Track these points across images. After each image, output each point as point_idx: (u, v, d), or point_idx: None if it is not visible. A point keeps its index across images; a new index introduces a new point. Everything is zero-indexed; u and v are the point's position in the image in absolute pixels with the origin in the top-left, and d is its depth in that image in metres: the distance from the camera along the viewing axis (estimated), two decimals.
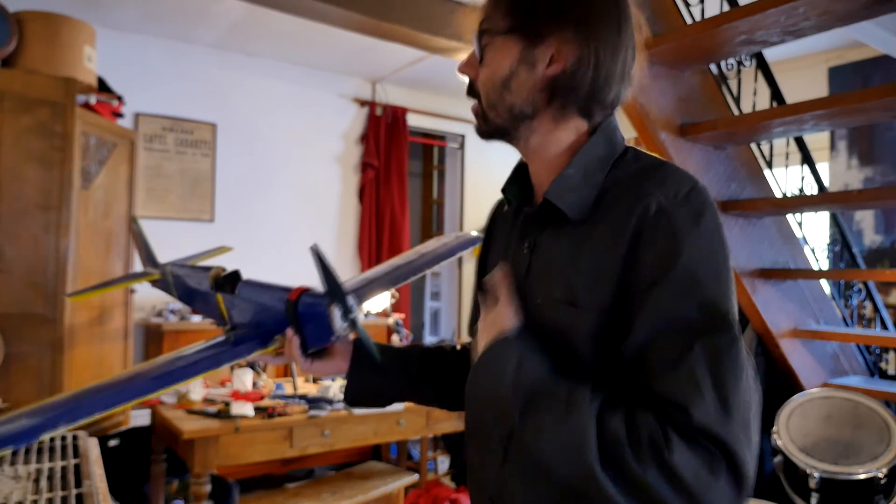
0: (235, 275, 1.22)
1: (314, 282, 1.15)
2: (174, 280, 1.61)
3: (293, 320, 0.99)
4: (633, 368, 0.70)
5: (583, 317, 0.75)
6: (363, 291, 1.28)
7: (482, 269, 0.99)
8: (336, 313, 0.93)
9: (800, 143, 2.75)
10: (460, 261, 5.40)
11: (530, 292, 0.82)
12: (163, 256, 3.30)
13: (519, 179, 0.90)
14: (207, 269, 1.31)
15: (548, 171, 0.84)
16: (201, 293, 1.34)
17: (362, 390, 1.03)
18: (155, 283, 1.86)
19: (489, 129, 0.84)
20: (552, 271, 0.80)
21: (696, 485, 0.62)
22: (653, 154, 0.82)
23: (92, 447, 1.49)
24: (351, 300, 0.94)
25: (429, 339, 5.95)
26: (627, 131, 1.35)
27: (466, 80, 0.85)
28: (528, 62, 0.79)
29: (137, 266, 3.24)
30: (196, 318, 3.90)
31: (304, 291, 1.00)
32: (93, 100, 2.79)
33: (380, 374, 1.02)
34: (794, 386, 2.69)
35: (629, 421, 0.66)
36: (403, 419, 2.82)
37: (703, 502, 0.63)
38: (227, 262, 1.51)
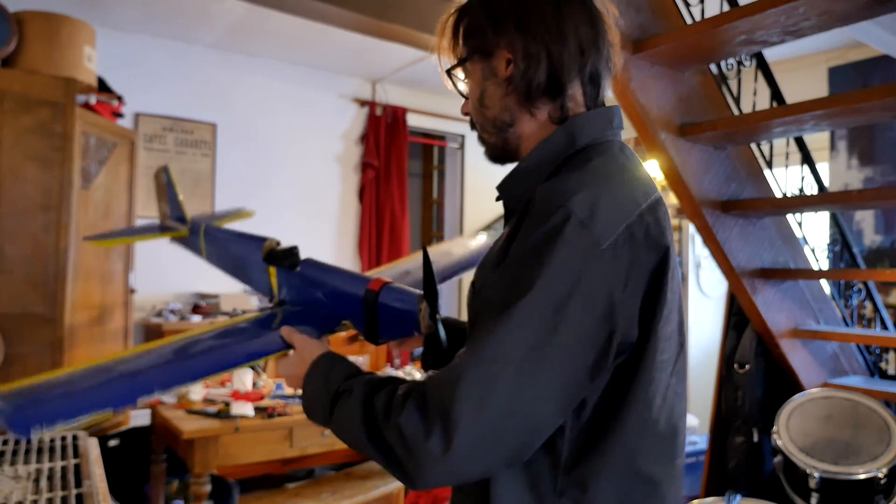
0: (293, 251, 1.19)
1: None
2: (208, 239, 1.58)
3: (369, 310, 1.01)
4: None
5: (471, 295, 0.84)
6: None
7: None
8: (426, 313, 0.96)
9: (800, 143, 2.75)
10: None
11: None
12: (162, 256, 3.30)
13: None
14: (260, 238, 1.28)
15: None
16: (247, 261, 1.32)
17: (437, 362, 1.12)
18: (179, 240, 1.83)
19: (491, 152, 0.91)
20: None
21: (412, 440, 0.69)
22: (604, 155, 0.81)
23: (92, 447, 1.49)
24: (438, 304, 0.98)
25: None
26: (628, 131, 1.35)
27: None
28: (491, 76, 0.85)
29: (138, 266, 3.24)
30: (196, 318, 3.90)
31: (385, 284, 1.02)
32: (93, 100, 2.79)
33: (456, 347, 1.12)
34: (794, 386, 2.69)
35: (391, 392, 0.75)
36: None
37: (414, 455, 0.69)
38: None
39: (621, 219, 0.73)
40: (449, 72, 0.90)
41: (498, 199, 0.89)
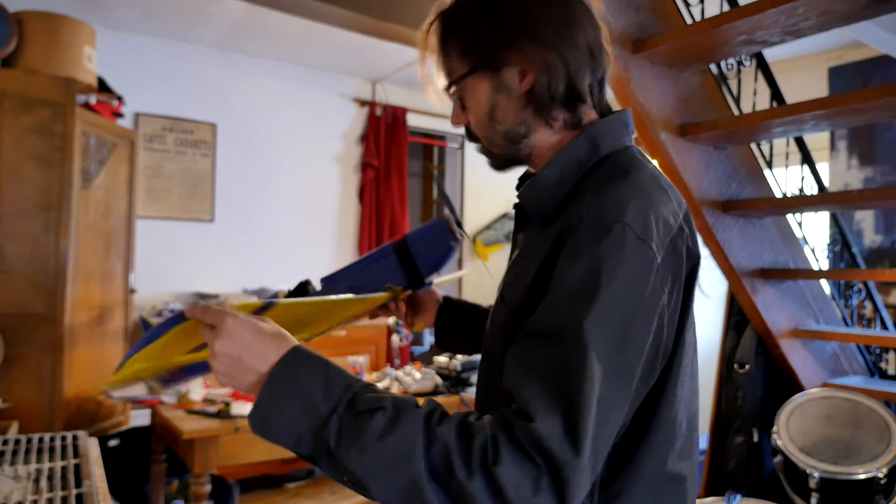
0: (305, 285, 1.17)
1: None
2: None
3: (404, 255, 1.07)
4: (508, 367, 0.71)
5: (506, 314, 0.79)
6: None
7: None
8: (452, 221, 1.03)
9: (800, 143, 2.75)
10: (460, 261, 5.40)
11: (501, 286, 0.88)
12: (162, 256, 3.32)
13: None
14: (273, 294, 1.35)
15: (538, 167, 0.86)
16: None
17: (449, 339, 1.18)
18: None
19: (499, 162, 0.88)
20: (510, 268, 0.85)
21: (516, 498, 0.61)
22: (630, 161, 0.80)
23: (92, 447, 1.49)
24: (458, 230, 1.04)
25: (429, 340, 5.95)
26: None
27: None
28: (502, 89, 0.81)
29: (138, 266, 3.24)
30: None
31: (404, 235, 1.10)
32: (93, 100, 2.79)
33: (464, 326, 1.15)
34: (794, 386, 2.69)
35: (463, 430, 0.64)
36: None
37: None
38: (227, 263, 1.51)
39: (668, 232, 0.73)
40: (450, 86, 0.86)
41: (517, 206, 0.86)
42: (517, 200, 0.86)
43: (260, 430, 0.69)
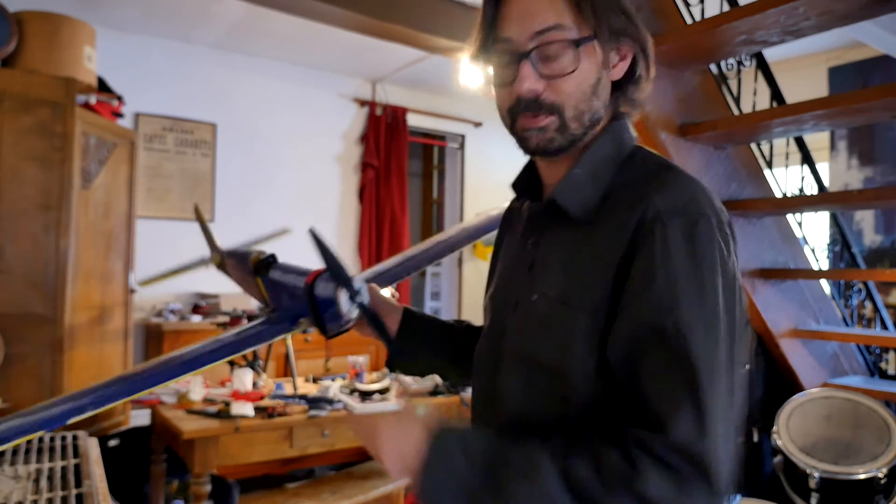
0: (271, 259, 1.24)
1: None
2: (229, 266, 1.66)
3: (311, 304, 1.00)
4: (618, 376, 0.72)
5: (577, 317, 0.75)
6: (384, 276, 1.28)
7: (493, 268, 1.00)
8: (343, 297, 0.92)
9: (800, 143, 2.75)
10: (460, 261, 5.40)
11: (530, 288, 0.82)
12: (162, 256, 3.31)
13: (529, 175, 0.91)
14: (248, 253, 1.34)
15: (557, 169, 0.84)
16: (247, 278, 1.36)
17: (403, 357, 1.06)
18: (219, 268, 1.94)
19: (565, 143, 0.79)
20: (551, 269, 0.80)
21: (666, 500, 0.63)
22: (658, 156, 0.82)
23: (92, 447, 1.49)
24: (358, 282, 0.93)
25: None
26: None
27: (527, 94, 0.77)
28: (607, 66, 0.80)
29: (138, 266, 3.24)
30: (196, 318, 3.90)
31: (320, 275, 1.00)
32: (93, 100, 2.79)
33: (424, 344, 1.05)
34: (794, 386, 2.69)
35: (595, 461, 0.65)
36: None
37: None
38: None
39: (726, 217, 0.76)
40: (578, 42, 0.75)
41: (551, 203, 0.81)
42: (553, 197, 0.81)
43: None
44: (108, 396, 0.98)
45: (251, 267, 1.29)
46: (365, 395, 2.72)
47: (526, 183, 0.91)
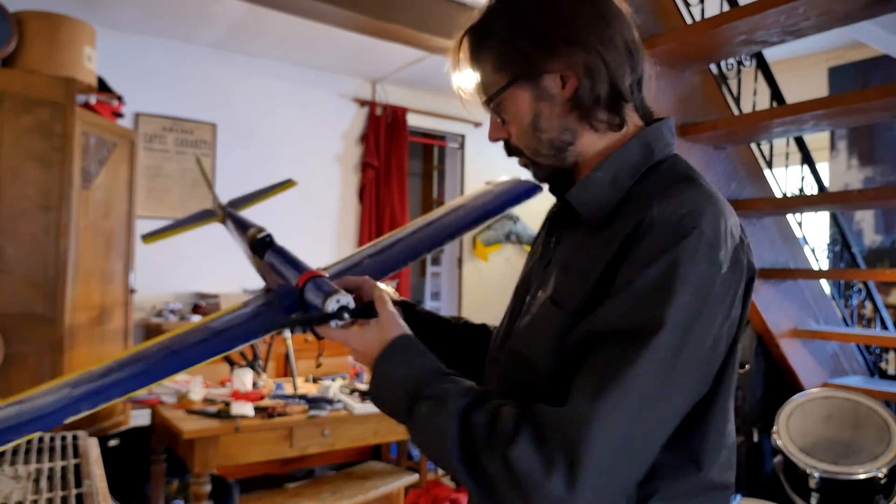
0: (267, 240, 1.19)
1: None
2: (229, 228, 1.63)
3: (301, 304, 0.97)
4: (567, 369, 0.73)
5: (560, 316, 0.76)
6: (377, 265, 1.19)
7: (526, 263, 0.99)
8: (331, 305, 0.88)
9: (800, 143, 2.75)
10: (460, 261, 5.40)
11: (538, 286, 0.84)
12: (162, 256, 3.30)
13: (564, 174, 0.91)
14: (248, 226, 1.29)
15: (583, 171, 0.84)
16: (245, 246, 1.33)
17: None
18: (223, 223, 1.91)
19: (544, 172, 0.86)
20: (557, 269, 0.81)
21: (525, 478, 0.64)
22: (686, 166, 0.80)
23: (92, 447, 1.49)
24: (343, 297, 0.88)
25: None
26: None
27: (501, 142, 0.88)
28: (544, 97, 0.80)
29: (138, 266, 3.24)
30: (196, 318, 3.90)
31: (312, 278, 0.96)
32: (93, 100, 2.79)
33: (420, 339, 1.04)
34: (794, 386, 2.69)
35: (493, 418, 0.69)
36: None
37: (525, 493, 0.64)
38: (227, 263, 1.52)
39: (733, 243, 0.73)
40: (489, 100, 0.83)
41: (563, 205, 0.85)
42: (567, 198, 0.83)
43: (371, 395, 0.82)
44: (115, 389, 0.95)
45: (248, 242, 1.26)
46: (365, 395, 2.72)
47: (560, 181, 0.91)
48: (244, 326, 1.03)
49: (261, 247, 1.20)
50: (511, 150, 0.87)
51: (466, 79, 0.87)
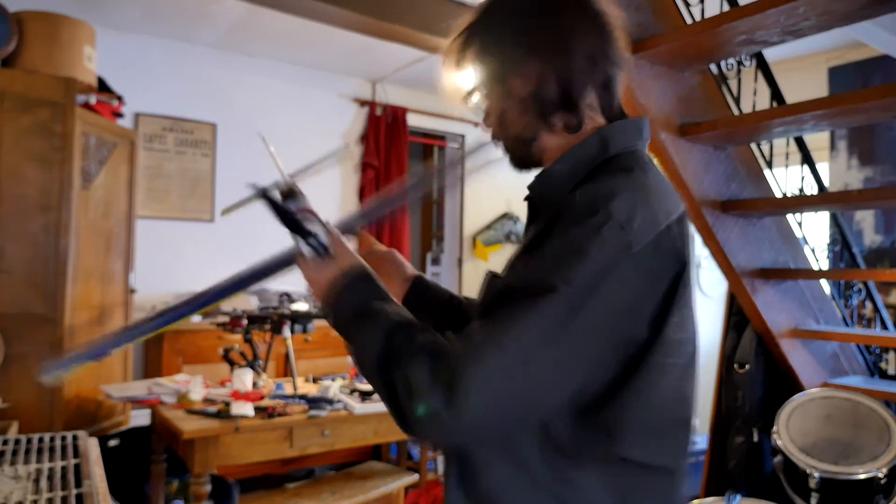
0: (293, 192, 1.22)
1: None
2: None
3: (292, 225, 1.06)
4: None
5: (492, 281, 0.87)
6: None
7: None
8: (300, 243, 1.00)
9: (800, 143, 2.75)
10: (460, 261, 5.40)
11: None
12: (162, 256, 3.30)
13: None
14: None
15: (547, 165, 0.93)
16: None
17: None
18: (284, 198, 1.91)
19: (516, 161, 0.97)
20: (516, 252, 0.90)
21: (416, 392, 0.72)
22: (637, 162, 0.86)
23: (92, 447, 1.49)
24: (317, 229, 1.02)
25: None
26: None
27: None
28: (510, 98, 0.91)
29: (138, 266, 3.24)
30: (196, 319, 3.90)
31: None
32: (93, 100, 2.79)
33: (429, 312, 1.15)
34: (794, 386, 2.69)
35: (412, 337, 0.78)
36: None
37: (415, 400, 0.72)
38: (227, 263, 1.51)
39: (653, 228, 0.78)
40: (470, 95, 0.97)
41: (527, 198, 0.95)
42: (528, 196, 0.95)
43: (324, 312, 0.92)
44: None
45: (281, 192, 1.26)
46: (365, 395, 2.72)
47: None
48: (257, 267, 1.13)
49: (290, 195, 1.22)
50: (494, 136, 0.99)
51: (455, 77, 1.00)
